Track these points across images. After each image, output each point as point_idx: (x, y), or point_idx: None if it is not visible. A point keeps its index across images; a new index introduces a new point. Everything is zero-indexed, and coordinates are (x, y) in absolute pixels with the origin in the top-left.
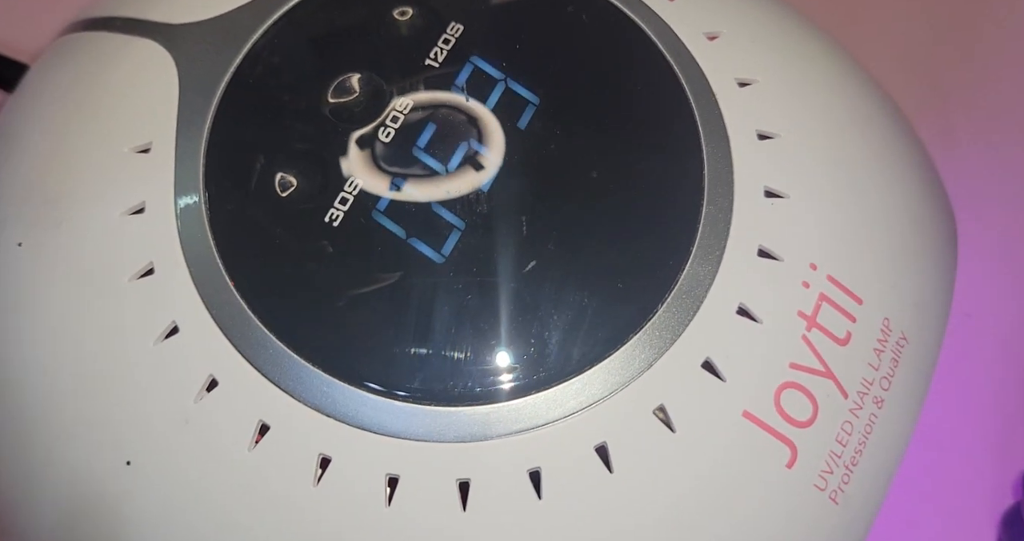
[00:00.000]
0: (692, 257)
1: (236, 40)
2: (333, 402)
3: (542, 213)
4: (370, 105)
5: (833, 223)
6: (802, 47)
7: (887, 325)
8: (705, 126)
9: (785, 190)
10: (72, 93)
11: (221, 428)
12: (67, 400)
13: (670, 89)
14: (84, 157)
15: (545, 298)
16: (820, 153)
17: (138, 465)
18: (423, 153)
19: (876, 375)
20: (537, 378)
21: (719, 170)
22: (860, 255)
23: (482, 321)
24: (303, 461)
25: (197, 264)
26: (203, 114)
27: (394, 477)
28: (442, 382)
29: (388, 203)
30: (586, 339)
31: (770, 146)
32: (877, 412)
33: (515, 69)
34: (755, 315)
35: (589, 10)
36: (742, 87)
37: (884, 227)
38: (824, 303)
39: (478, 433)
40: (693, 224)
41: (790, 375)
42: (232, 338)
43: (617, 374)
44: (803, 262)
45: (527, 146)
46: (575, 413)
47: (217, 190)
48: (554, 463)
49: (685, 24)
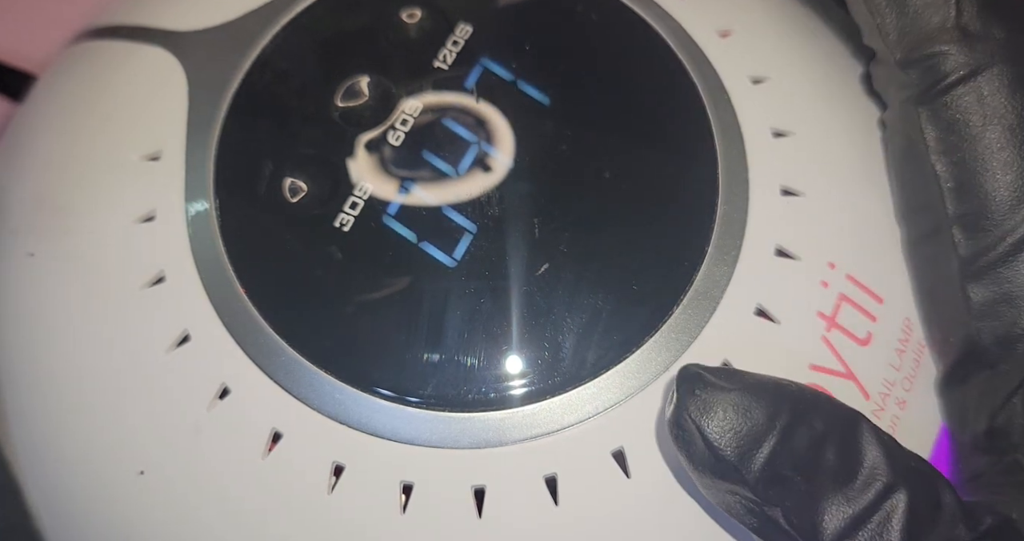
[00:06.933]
0: (708, 257)
1: (244, 46)
2: (346, 409)
3: (554, 215)
4: (379, 108)
5: (851, 221)
6: (816, 42)
7: (908, 325)
8: (718, 124)
9: (802, 188)
10: (81, 102)
11: (234, 437)
12: (79, 409)
13: (682, 87)
14: (94, 165)
15: (558, 301)
16: (837, 150)
17: (151, 474)
18: (433, 156)
19: (898, 376)
20: (552, 383)
21: (734, 168)
22: (879, 253)
23: (495, 325)
24: (317, 469)
25: (208, 272)
26: (212, 121)
27: (408, 484)
28: (456, 388)
29: (399, 207)
30: (601, 342)
31: (785, 143)
32: (900, 413)
33: (525, 70)
34: (773, 316)
35: (599, 9)
36: (756, 84)
37: None
38: (844, 303)
39: (493, 439)
40: (708, 224)
41: (811, 377)
42: (244, 346)
43: (633, 377)
44: (821, 261)
45: (538, 148)
46: (591, 417)
47: (227, 197)
48: (571, 469)
49: (696, 21)
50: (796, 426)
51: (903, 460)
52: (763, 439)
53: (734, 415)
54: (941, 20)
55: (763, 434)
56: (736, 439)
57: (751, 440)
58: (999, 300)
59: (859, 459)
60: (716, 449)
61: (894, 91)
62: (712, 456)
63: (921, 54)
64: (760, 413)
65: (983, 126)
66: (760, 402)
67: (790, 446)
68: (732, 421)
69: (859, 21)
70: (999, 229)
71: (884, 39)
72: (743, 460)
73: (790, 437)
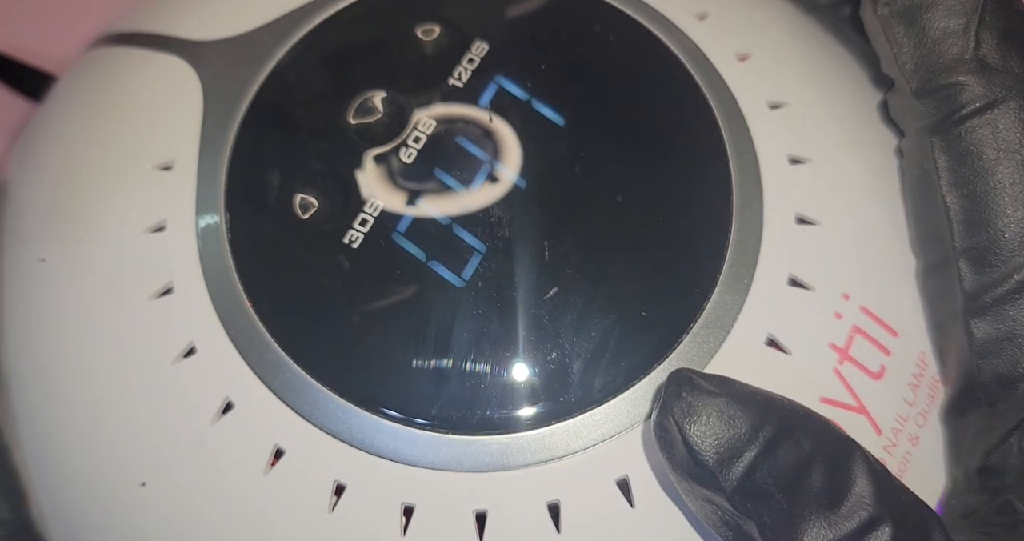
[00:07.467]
0: (719, 285)
1: (260, 58)
2: (349, 428)
3: (565, 237)
4: (392, 125)
5: (867, 251)
6: (835, 69)
7: (923, 359)
8: (734, 149)
9: (817, 217)
10: (97, 108)
11: (236, 452)
12: (84, 417)
13: (698, 111)
14: (107, 173)
15: (567, 325)
16: (854, 178)
17: (153, 486)
18: (445, 174)
19: (911, 411)
20: (558, 408)
21: (748, 195)
22: (895, 285)
23: (502, 348)
24: (318, 488)
25: (216, 284)
26: (226, 133)
27: (410, 506)
28: (460, 410)
29: (408, 225)
30: (609, 368)
31: (802, 171)
32: (912, 449)
33: (540, 90)
34: (785, 346)
35: (616, 30)
36: (773, 109)
37: None
38: (857, 335)
39: (496, 463)
40: (720, 250)
41: (821, 410)
42: (249, 360)
43: (640, 405)
44: (836, 292)
45: (551, 169)
46: (597, 444)
47: (238, 210)
48: (574, 496)
49: (715, 44)
50: (781, 441)
51: (894, 494)
52: (744, 449)
53: (717, 421)
54: (959, 51)
55: (745, 444)
56: (717, 445)
57: (732, 448)
58: (1002, 338)
59: (847, 486)
60: (696, 453)
61: (910, 120)
62: (691, 460)
63: (938, 84)
64: (744, 422)
65: (996, 160)
66: (746, 411)
67: (773, 460)
68: (715, 427)
69: (877, 49)
70: (1006, 266)
71: (901, 68)
72: (722, 468)
73: (773, 451)
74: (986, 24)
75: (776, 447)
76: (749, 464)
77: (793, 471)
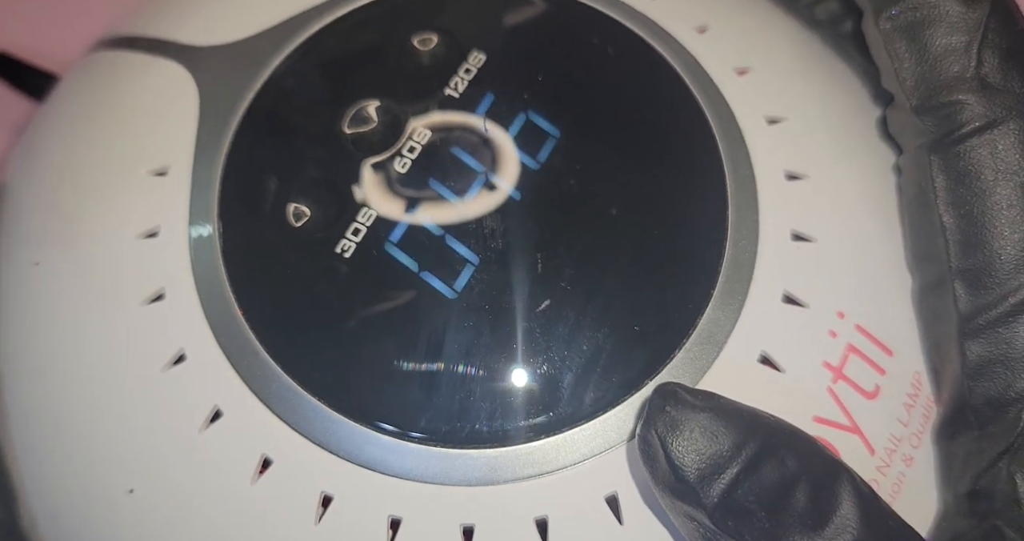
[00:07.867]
0: (713, 301)
1: (257, 65)
2: (337, 439)
3: (558, 250)
4: (387, 134)
5: (863, 269)
6: (834, 84)
7: (918, 379)
8: (731, 164)
9: (813, 233)
10: (96, 111)
11: (224, 461)
12: (75, 421)
13: (695, 124)
14: (103, 177)
15: (558, 339)
16: (851, 195)
17: (140, 493)
18: (439, 184)
19: (906, 432)
20: (548, 422)
21: (744, 210)
22: (891, 304)
23: (493, 361)
24: (305, 498)
25: (207, 292)
26: (221, 140)
27: (396, 519)
28: (449, 423)
29: (401, 235)
30: (599, 383)
31: (798, 187)
32: (906, 470)
33: (537, 101)
34: (778, 364)
35: (614, 42)
36: (771, 124)
37: None
38: (852, 354)
39: (485, 477)
40: (715, 266)
41: (814, 429)
42: (239, 369)
43: (631, 421)
44: (830, 310)
45: (545, 180)
46: (586, 460)
47: (231, 218)
48: (562, 512)
49: (714, 57)
50: (765, 459)
51: (880, 518)
52: (726, 466)
53: (700, 436)
54: (961, 69)
55: (727, 461)
56: (698, 461)
57: (713, 465)
58: (995, 361)
59: (832, 508)
60: (677, 468)
61: (909, 137)
62: (673, 476)
63: (938, 102)
64: (727, 439)
65: (994, 181)
66: (730, 428)
67: (756, 479)
68: (697, 442)
69: (878, 63)
70: (1001, 288)
71: (902, 84)
72: (703, 484)
73: (756, 469)
74: (988, 43)
75: (759, 465)
76: (731, 481)
77: (776, 490)
